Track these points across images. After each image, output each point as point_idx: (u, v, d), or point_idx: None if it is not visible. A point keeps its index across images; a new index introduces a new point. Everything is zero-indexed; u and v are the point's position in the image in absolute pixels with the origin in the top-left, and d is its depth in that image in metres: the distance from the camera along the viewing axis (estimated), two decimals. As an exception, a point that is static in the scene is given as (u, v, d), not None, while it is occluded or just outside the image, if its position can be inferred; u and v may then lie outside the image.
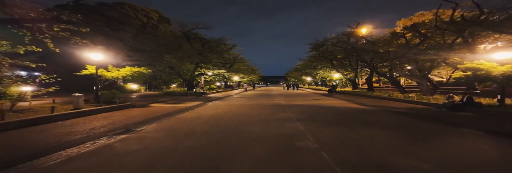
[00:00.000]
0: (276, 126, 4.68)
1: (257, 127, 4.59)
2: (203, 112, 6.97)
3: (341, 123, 5.05)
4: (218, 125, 4.82)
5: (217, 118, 5.78)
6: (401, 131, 4.18)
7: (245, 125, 4.77)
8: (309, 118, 5.74)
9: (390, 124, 4.94)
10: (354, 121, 5.26)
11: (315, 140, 3.50)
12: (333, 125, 4.74)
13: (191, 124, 4.97)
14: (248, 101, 11.58)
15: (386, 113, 6.79)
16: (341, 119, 5.53)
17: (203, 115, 6.33)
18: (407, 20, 32.36)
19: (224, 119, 5.69)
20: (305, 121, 5.20)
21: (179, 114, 6.68)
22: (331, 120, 5.46)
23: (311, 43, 22.64)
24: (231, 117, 5.93)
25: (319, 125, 4.77)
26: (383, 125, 4.80)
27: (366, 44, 16.89)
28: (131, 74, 8.66)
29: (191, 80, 17.95)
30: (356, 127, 4.55)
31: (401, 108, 8.07)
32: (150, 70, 9.93)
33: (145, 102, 10.20)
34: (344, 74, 21.55)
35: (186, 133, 4.11)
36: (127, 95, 16.13)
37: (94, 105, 7.09)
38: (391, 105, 9.09)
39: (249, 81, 47.95)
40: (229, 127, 4.58)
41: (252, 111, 7.14)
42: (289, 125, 4.78)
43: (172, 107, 8.56)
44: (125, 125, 4.95)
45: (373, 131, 4.17)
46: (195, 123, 5.08)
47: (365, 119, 5.64)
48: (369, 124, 4.92)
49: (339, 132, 4.09)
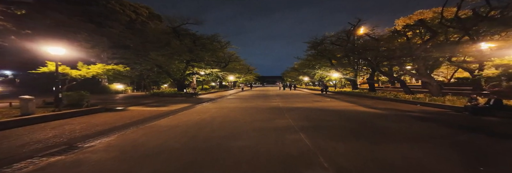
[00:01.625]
0: (274, 140, 3.54)
1: (249, 141, 3.44)
2: (186, 118, 5.78)
3: (357, 134, 3.94)
4: (197, 139, 3.65)
5: (200, 127, 4.61)
6: (441, 147, 3.10)
7: (233, 139, 3.62)
8: (315, 126, 4.63)
9: (418, 135, 3.86)
10: (372, 131, 4.16)
11: (331, 166, 2.38)
12: (348, 138, 3.62)
13: (163, 137, 3.78)
14: (242, 103, 10.42)
15: (403, 118, 5.74)
16: (355, 128, 4.43)
17: (184, 122, 5.15)
18: (406, 18, 31.71)
19: (208, 128, 4.52)
20: (311, 132, 4.07)
21: (155, 120, 5.48)
22: (343, 129, 4.36)
23: (309, 42, 21.64)
24: (218, 126, 4.76)
25: (330, 138, 3.65)
26: (411, 137, 3.72)
27: (369, 41, 15.96)
28: (103, 72, 7.40)
29: (182, 80, 16.66)
30: (379, 141, 3.45)
31: (415, 111, 7.06)
32: (129, 68, 8.68)
33: (124, 105, 8.93)
34: (343, 74, 20.60)
35: (149, 152, 2.93)
36: (110, 96, 14.76)
37: (51, 109, 5.81)
38: (402, 107, 8.08)
39: (245, 81, 46.81)
40: (211, 142, 3.42)
41: (245, 117, 5.99)
42: (291, 138, 3.64)
43: (152, 111, 7.34)
44: (72, 138, 3.73)
45: (404, 148, 3.08)
46: (168, 135, 3.90)
47: (383, 127, 4.56)
48: (392, 135, 3.83)
49: (360, 150, 2.97)
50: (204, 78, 19.64)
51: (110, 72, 7.73)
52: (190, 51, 14.79)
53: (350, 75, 20.62)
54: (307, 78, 35.43)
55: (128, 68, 8.56)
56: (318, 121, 5.21)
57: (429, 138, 3.63)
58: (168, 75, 15.98)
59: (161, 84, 24.01)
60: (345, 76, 20.60)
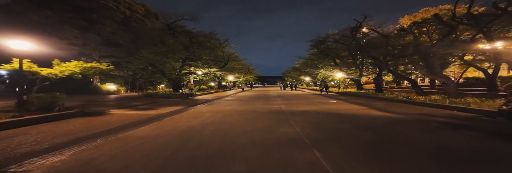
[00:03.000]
0: (281, 161, 2.59)
1: (247, 164, 2.49)
2: (171, 126, 4.83)
3: (388, 151, 2.99)
4: (175, 159, 2.70)
5: (185, 139, 3.66)
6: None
7: (224, 160, 2.67)
8: (330, 138, 3.67)
9: (472, 153, 2.91)
10: (406, 146, 3.21)
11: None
12: (380, 158, 2.67)
13: (131, 155, 2.84)
14: (241, 105, 9.48)
15: (431, 126, 4.79)
16: (381, 141, 3.48)
17: (168, 132, 4.20)
18: (412, 17, 30.74)
19: (194, 141, 3.57)
20: (327, 147, 3.12)
21: (134, 128, 4.54)
22: (367, 143, 3.40)
23: (311, 40, 20.73)
24: (208, 137, 3.81)
25: (355, 157, 2.70)
26: (466, 157, 2.76)
27: (376, 39, 15.03)
28: (81, 71, 6.46)
29: (178, 79, 15.72)
30: (425, 164, 2.50)
31: (441, 116, 6.12)
32: (113, 66, 7.75)
33: (108, 108, 7.99)
34: (348, 73, 19.65)
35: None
36: (99, 97, 13.81)
37: (12, 115, 4.86)
38: (420, 111, 7.13)
39: (245, 81, 45.87)
40: (193, 166, 2.47)
41: (242, 124, 5.04)
42: (303, 158, 2.69)
43: (136, 115, 6.39)
44: (8, 158, 2.78)
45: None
46: (139, 152, 2.95)
47: (415, 139, 3.61)
48: (437, 153, 2.88)
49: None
50: (201, 78, 18.69)
51: (90, 71, 6.79)
52: (186, 49, 13.84)
53: (354, 75, 19.66)
54: (308, 78, 34.47)
55: (111, 66, 7.63)
56: (331, 130, 4.25)
57: (494, 160, 2.68)
58: (162, 74, 15.04)
59: (157, 84, 23.06)
60: (349, 76, 19.64)
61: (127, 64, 14.03)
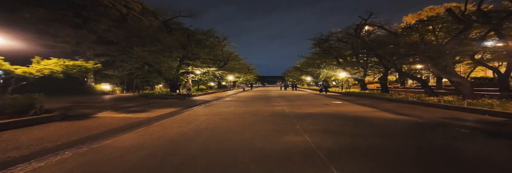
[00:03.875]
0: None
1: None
2: (160, 132, 4.18)
3: (427, 169, 2.34)
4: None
5: (172, 151, 3.01)
6: None
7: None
8: (348, 150, 3.01)
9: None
10: (454, 166, 2.55)
11: None
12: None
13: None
14: (240, 106, 8.83)
15: (463, 133, 4.13)
16: (418, 156, 2.82)
17: (153, 141, 3.55)
18: (416, 15, 30.10)
19: (182, 154, 2.92)
20: (349, 165, 2.47)
21: (116, 136, 3.89)
22: (393, 156, 2.74)
23: (314, 38, 20.07)
24: (200, 148, 3.16)
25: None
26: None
27: (383, 36, 14.38)
28: (63, 69, 5.81)
29: (175, 79, 15.07)
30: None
31: (464, 119, 5.47)
32: (100, 65, 7.11)
33: (96, 110, 7.34)
34: (351, 73, 18.98)
35: None
36: (91, 98, 13.18)
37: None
38: (439, 114, 6.47)
39: (245, 81, 45.22)
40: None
41: (241, 129, 4.39)
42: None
43: (124, 119, 5.74)
44: None
45: None
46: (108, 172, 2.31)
47: (457, 152, 2.95)
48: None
49: None
50: (200, 77, 18.04)
51: (74, 69, 6.15)
52: (183, 48, 13.20)
53: (358, 75, 18.99)
54: (310, 78, 33.79)
55: (99, 65, 6.97)
56: (347, 138, 3.60)
57: None
58: (159, 74, 14.40)
59: (154, 84, 22.42)
60: (353, 75, 18.97)
61: (121, 63, 13.39)
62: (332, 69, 20.78)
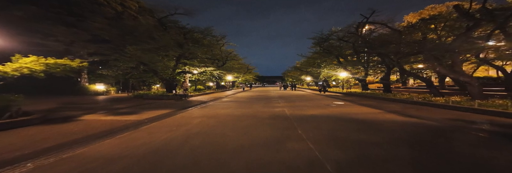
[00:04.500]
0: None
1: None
2: (145, 138, 3.71)
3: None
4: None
5: (153, 164, 2.55)
6: None
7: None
8: (361, 162, 2.55)
9: None
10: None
11: None
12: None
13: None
14: (238, 108, 8.37)
15: (483, 138, 3.69)
16: (441, 169, 2.37)
17: (135, 149, 3.08)
18: (417, 14, 29.74)
19: (165, 167, 2.45)
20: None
21: (94, 143, 3.43)
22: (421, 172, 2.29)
23: (314, 37, 19.64)
24: (186, 159, 2.70)
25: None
26: None
27: (385, 35, 13.96)
28: (43, 68, 5.31)
29: (171, 79, 14.59)
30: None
31: (479, 122, 5.05)
32: (86, 63, 6.63)
33: (84, 112, 6.87)
34: (352, 73, 18.55)
35: None
36: (83, 99, 12.67)
37: None
38: (450, 115, 6.04)
39: (245, 81, 44.77)
40: None
41: (237, 135, 3.93)
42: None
43: (110, 122, 5.27)
44: None
45: None
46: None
47: (486, 162, 2.50)
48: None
49: None
50: (197, 77, 17.56)
51: (58, 68, 5.65)
52: (180, 46, 12.72)
53: (359, 75, 18.56)
54: (310, 78, 33.36)
55: (85, 63, 6.49)
56: (357, 146, 3.14)
57: None
58: (154, 74, 13.91)
59: (151, 84, 21.90)
60: (354, 75, 18.54)
61: (115, 63, 12.90)
62: (332, 68, 20.36)
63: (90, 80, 16.65)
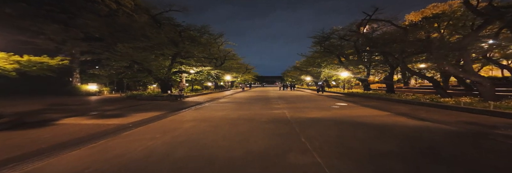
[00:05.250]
0: None
1: None
2: (122, 148, 3.16)
3: None
4: None
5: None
6: None
7: None
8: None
9: None
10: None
11: None
12: None
13: None
14: (235, 110, 7.82)
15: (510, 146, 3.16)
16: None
17: (103, 164, 2.53)
18: (419, 13, 29.31)
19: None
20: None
21: (59, 154, 2.87)
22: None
23: (315, 36, 19.11)
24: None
25: None
26: None
27: (388, 33, 13.47)
28: (13, 67, 4.72)
29: (166, 79, 14.02)
30: None
31: (500, 126, 4.55)
32: (67, 61, 6.07)
33: (65, 115, 6.30)
34: (354, 73, 18.04)
35: None
36: (73, 99, 12.08)
37: None
38: (464, 118, 5.53)
39: (244, 81, 44.22)
40: None
41: (231, 144, 3.39)
42: None
43: (90, 127, 4.70)
44: None
45: None
46: None
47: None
48: None
49: None
50: (194, 77, 16.99)
51: (34, 67, 5.08)
52: (175, 44, 12.15)
53: (361, 75, 18.06)
54: (310, 78, 32.84)
55: (66, 61, 5.92)
56: (376, 160, 2.60)
57: None
58: (149, 73, 13.34)
59: (147, 84, 21.31)
60: (356, 75, 18.03)
61: (107, 62, 12.32)
62: (333, 68, 19.84)
63: (82, 80, 16.06)
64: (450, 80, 19.95)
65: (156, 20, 12.30)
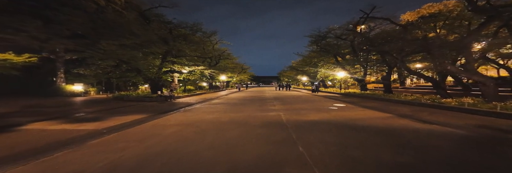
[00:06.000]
0: None
1: None
2: (78, 164, 2.58)
3: None
4: None
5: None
6: None
7: None
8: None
9: None
10: None
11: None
12: None
13: None
14: (227, 112, 7.27)
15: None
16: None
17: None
18: (414, 13, 29.39)
19: None
20: None
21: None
22: None
23: (311, 35, 18.70)
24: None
25: None
26: None
27: (386, 32, 13.17)
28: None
29: (157, 79, 13.34)
30: None
31: None
32: (36, 58, 5.43)
33: (35, 118, 5.63)
34: (351, 72, 17.70)
35: None
36: (54, 100, 11.28)
37: None
38: (471, 120, 5.15)
39: (239, 81, 43.61)
40: None
41: (216, 154, 2.85)
42: None
43: (54, 134, 4.08)
44: None
45: None
46: None
47: None
48: None
49: None
50: (186, 77, 16.33)
51: None
52: (165, 42, 11.51)
53: (358, 74, 17.74)
54: (306, 78, 32.50)
55: (34, 59, 5.28)
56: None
57: None
58: (138, 73, 12.64)
59: (138, 85, 20.47)
60: (352, 75, 17.71)
61: (92, 60, 11.57)
62: (330, 68, 19.49)
63: (68, 80, 15.19)
64: (448, 80, 19.86)
65: (144, 17, 11.62)
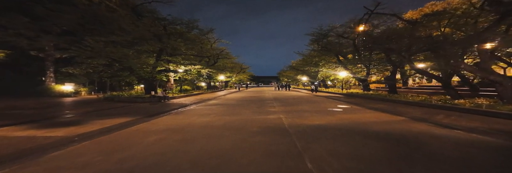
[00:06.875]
0: None
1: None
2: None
3: None
4: None
5: None
6: None
7: None
8: None
9: None
10: None
11: None
12: None
13: None
14: (223, 114, 6.65)
15: None
16: None
17: None
18: (417, 12, 28.84)
19: None
20: None
21: None
22: None
23: (312, 33, 18.11)
24: None
25: None
26: None
27: (391, 30, 12.57)
28: None
29: (151, 78, 12.69)
30: None
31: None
32: (3, 54, 4.68)
33: (6, 121, 4.99)
34: (353, 72, 17.12)
35: None
36: (40, 101, 10.60)
37: None
38: (502, 126, 4.55)
39: (239, 81, 42.99)
40: None
41: (201, 172, 2.22)
42: None
43: (12, 143, 3.46)
44: None
45: None
46: None
47: None
48: None
49: None
50: (183, 76, 15.69)
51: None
52: (158, 39, 10.88)
53: (361, 74, 17.16)
54: (306, 78, 31.90)
55: (2, 54, 4.57)
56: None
57: None
58: (130, 72, 11.99)
59: (133, 84, 19.80)
60: (355, 74, 17.12)
61: (81, 59, 10.91)
62: (331, 67, 18.89)
63: (58, 80, 14.51)
64: (453, 80, 19.27)
65: (136, 12, 10.98)
